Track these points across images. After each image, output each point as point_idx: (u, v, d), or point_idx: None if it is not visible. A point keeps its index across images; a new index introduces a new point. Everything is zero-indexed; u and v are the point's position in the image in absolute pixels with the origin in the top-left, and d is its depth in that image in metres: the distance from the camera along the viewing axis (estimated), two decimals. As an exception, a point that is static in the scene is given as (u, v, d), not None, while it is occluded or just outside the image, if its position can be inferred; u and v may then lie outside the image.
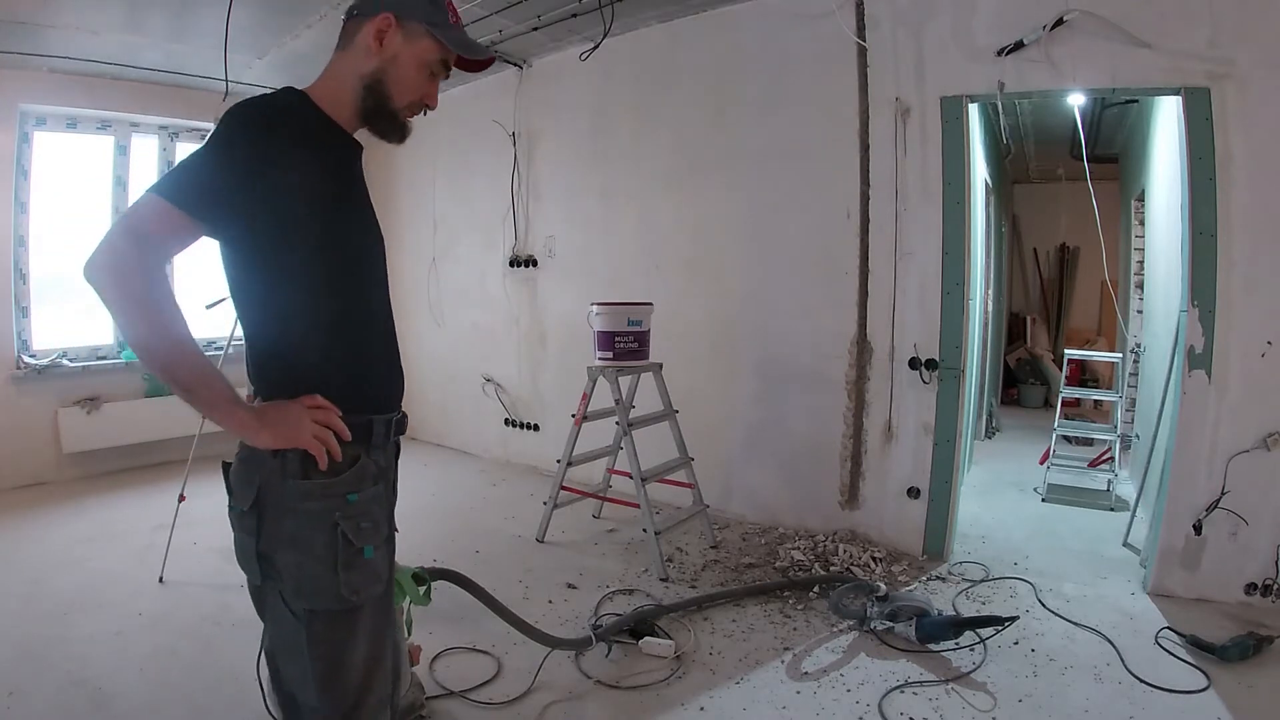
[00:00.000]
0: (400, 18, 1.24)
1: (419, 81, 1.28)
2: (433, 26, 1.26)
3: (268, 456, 1.14)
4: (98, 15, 3.48)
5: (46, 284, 4.50)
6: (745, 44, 3.55)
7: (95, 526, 3.57)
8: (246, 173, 1.09)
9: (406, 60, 1.26)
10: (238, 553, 1.21)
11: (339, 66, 1.28)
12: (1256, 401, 2.60)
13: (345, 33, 1.29)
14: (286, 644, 1.18)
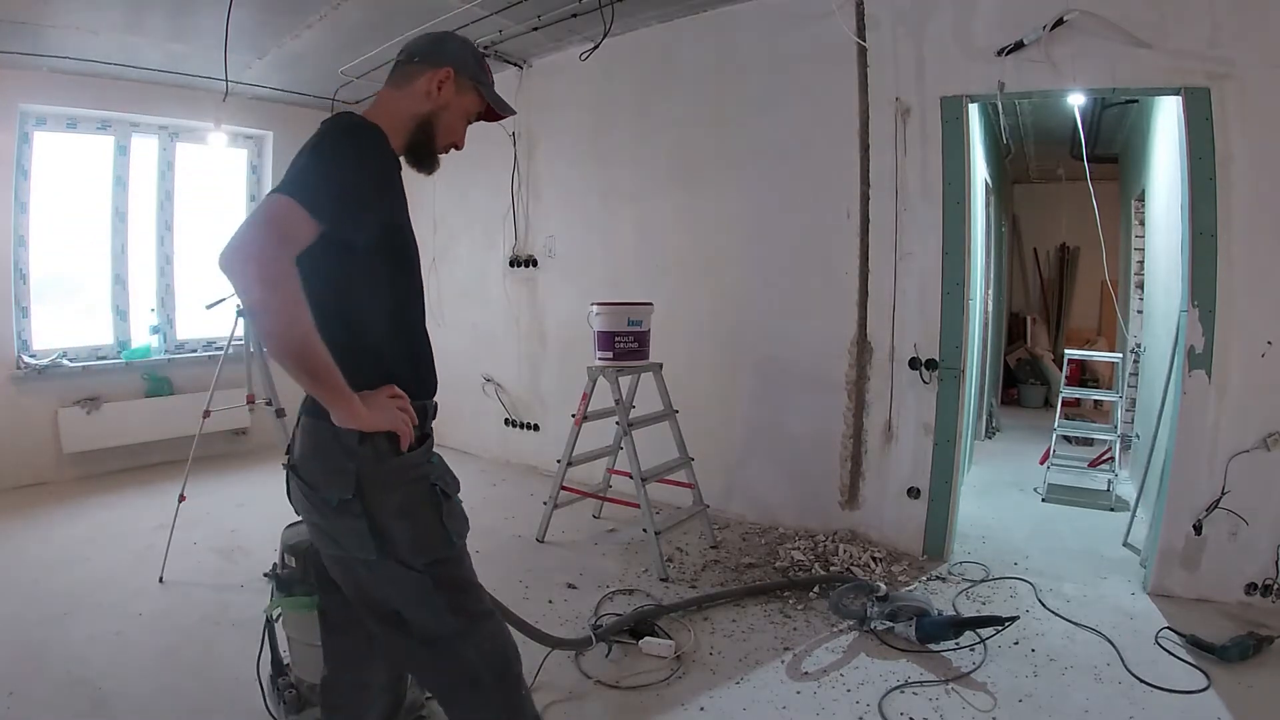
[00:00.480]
0: (457, 73, 1.45)
1: (459, 128, 1.51)
2: (479, 85, 1.50)
3: (356, 445, 1.28)
4: (98, 15, 3.48)
5: (46, 284, 4.50)
6: (745, 44, 3.55)
7: (95, 526, 3.57)
8: (374, 188, 1.29)
9: (455, 109, 1.47)
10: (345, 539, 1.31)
11: (396, 103, 1.43)
12: (1256, 401, 2.60)
13: (403, 74, 1.45)
14: (412, 597, 1.35)
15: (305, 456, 1.35)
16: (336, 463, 1.29)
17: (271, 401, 3.16)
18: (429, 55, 1.44)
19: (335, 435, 1.28)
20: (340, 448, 1.29)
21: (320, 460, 1.32)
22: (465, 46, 1.50)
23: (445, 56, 1.44)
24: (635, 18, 3.72)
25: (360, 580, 1.37)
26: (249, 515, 3.74)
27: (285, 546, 1.90)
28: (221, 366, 3.13)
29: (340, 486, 1.29)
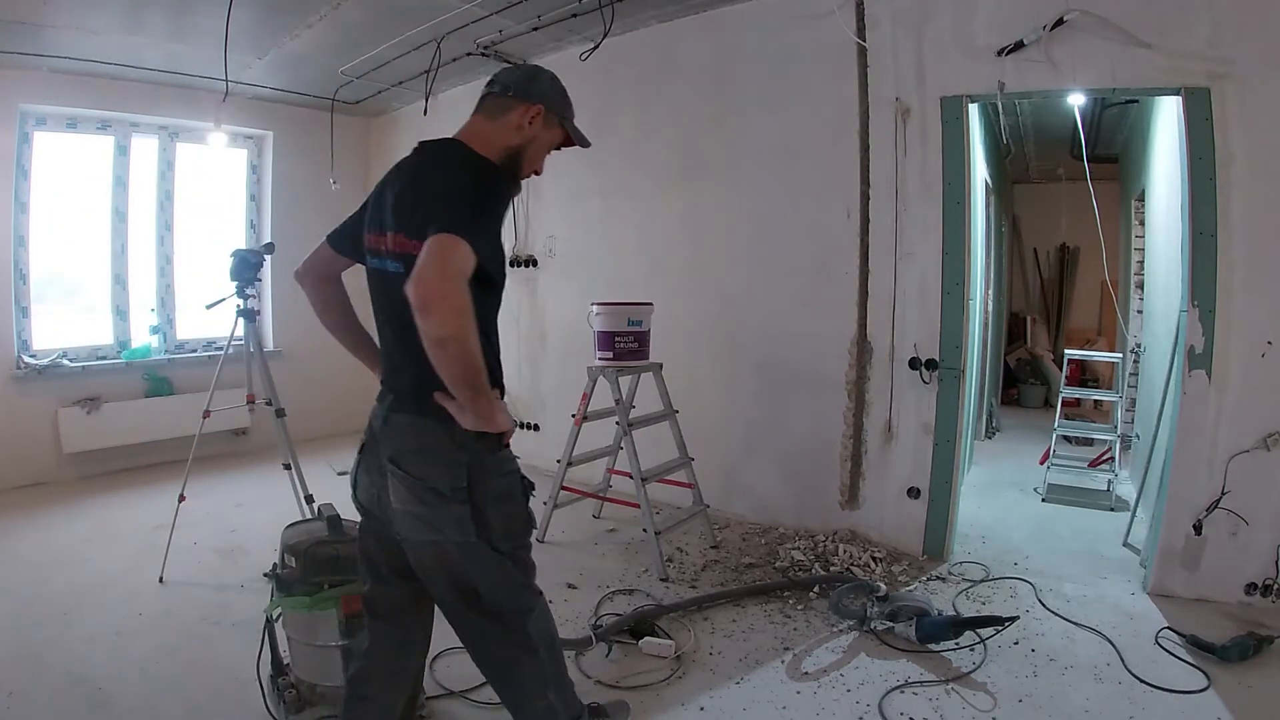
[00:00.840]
0: (547, 110, 1.59)
1: (542, 157, 1.65)
2: (564, 121, 1.66)
3: (471, 441, 1.46)
4: (98, 15, 3.48)
5: (46, 284, 4.50)
6: (745, 44, 3.55)
7: (95, 526, 3.57)
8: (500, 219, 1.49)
9: (542, 143, 1.62)
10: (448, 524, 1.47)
11: (489, 133, 1.56)
12: (1256, 401, 2.59)
13: (495, 105, 1.57)
14: (494, 576, 1.54)
15: (413, 451, 1.48)
16: (450, 456, 1.46)
17: (271, 401, 3.15)
18: (523, 90, 1.57)
19: (449, 433, 1.44)
20: (454, 444, 1.45)
21: (432, 455, 1.47)
22: (554, 83, 1.66)
23: (537, 93, 1.59)
24: (635, 18, 3.72)
25: (450, 562, 1.51)
26: (249, 515, 3.74)
27: (285, 546, 1.91)
28: (221, 366, 3.13)
29: (454, 477, 1.45)
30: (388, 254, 1.49)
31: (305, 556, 1.86)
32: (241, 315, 3.14)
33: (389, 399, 1.55)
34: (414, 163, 1.55)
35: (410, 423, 1.50)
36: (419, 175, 1.50)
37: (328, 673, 1.87)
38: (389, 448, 1.51)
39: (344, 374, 5.68)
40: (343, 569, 1.86)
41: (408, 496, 1.48)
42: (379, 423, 1.55)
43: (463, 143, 1.52)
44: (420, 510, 1.47)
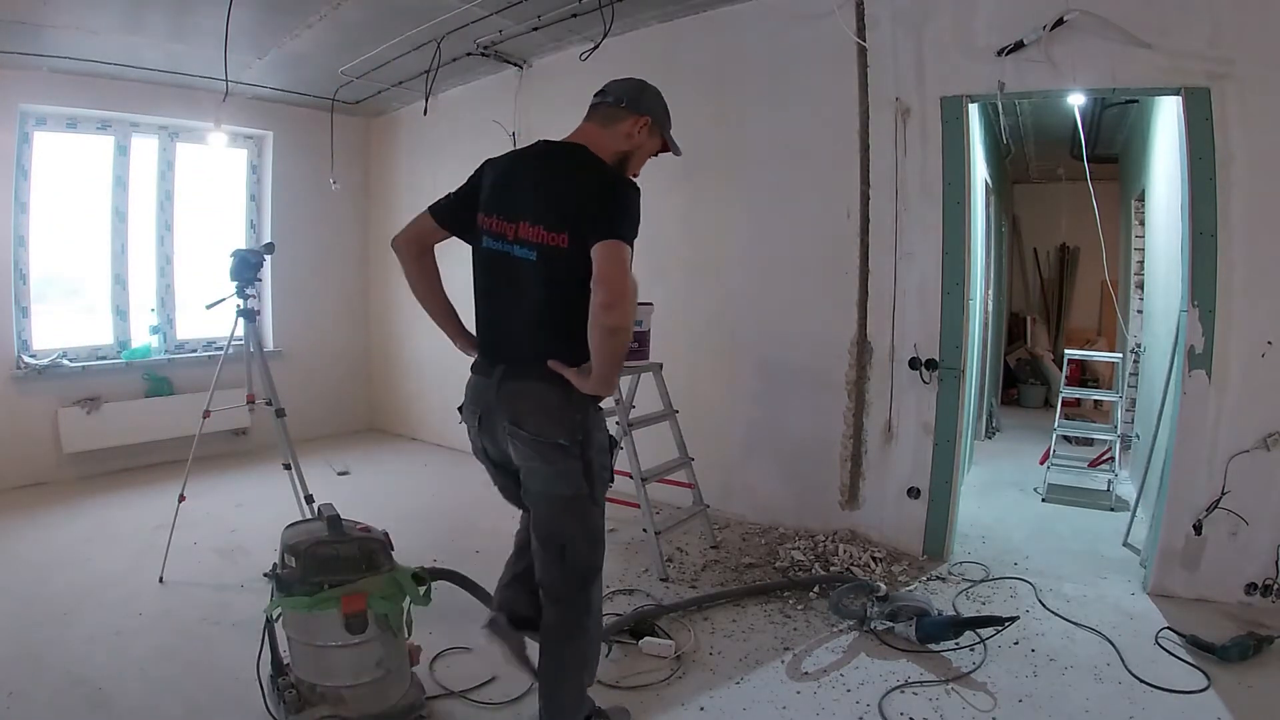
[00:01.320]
0: (653, 121, 1.80)
1: (643, 162, 1.86)
2: (664, 132, 1.85)
3: (582, 400, 1.67)
4: (98, 15, 3.48)
5: (46, 284, 4.50)
6: (745, 44, 3.55)
7: (95, 526, 3.57)
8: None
9: (646, 150, 1.84)
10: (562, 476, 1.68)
11: (604, 139, 1.77)
12: (1256, 401, 2.59)
13: (608, 114, 1.79)
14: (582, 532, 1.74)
15: (532, 412, 1.67)
16: (567, 414, 1.66)
17: (271, 401, 3.15)
18: (634, 103, 1.78)
19: (565, 395, 1.65)
20: (573, 405, 1.66)
21: (552, 413, 1.66)
22: (658, 98, 1.85)
23: (645, 106, 1.79)
24: (635, 18, 3.71)
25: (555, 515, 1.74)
26: (249, 515, 3.74)
27: (285, 546, 1.90)
28: (221, 366, 3.13)
29: (571, 431, 1.66)
30: (516, 240, 1.67)
31: (305, 556, 1.85)
32: (241, 315, 3.14)
33: (500, 369, 1.72)
34: (544, 161, 1.74)
35: (528, 388, 1.68)
36: (556, 175, 1.68)
37: (328, 673, 1.86)
38: (507, 413, 1.69)
39: (344, 374, 5.76)
40: (343, 569, 1.86)
41: (530, 454, 1.68)
42: (493, 392, 1.73)
43: (589, 148, 1.71)
44: (541, 465, 1.68)
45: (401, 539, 2.28)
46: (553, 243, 1.60)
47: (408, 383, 5.67)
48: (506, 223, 1.69)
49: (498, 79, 4.57)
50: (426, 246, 1.95)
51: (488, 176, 1.79)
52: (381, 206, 5.73)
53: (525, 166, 1.75)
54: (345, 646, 1.84)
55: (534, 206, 1.65)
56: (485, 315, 1.83)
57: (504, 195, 1.72)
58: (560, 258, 1.61)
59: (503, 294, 1.74)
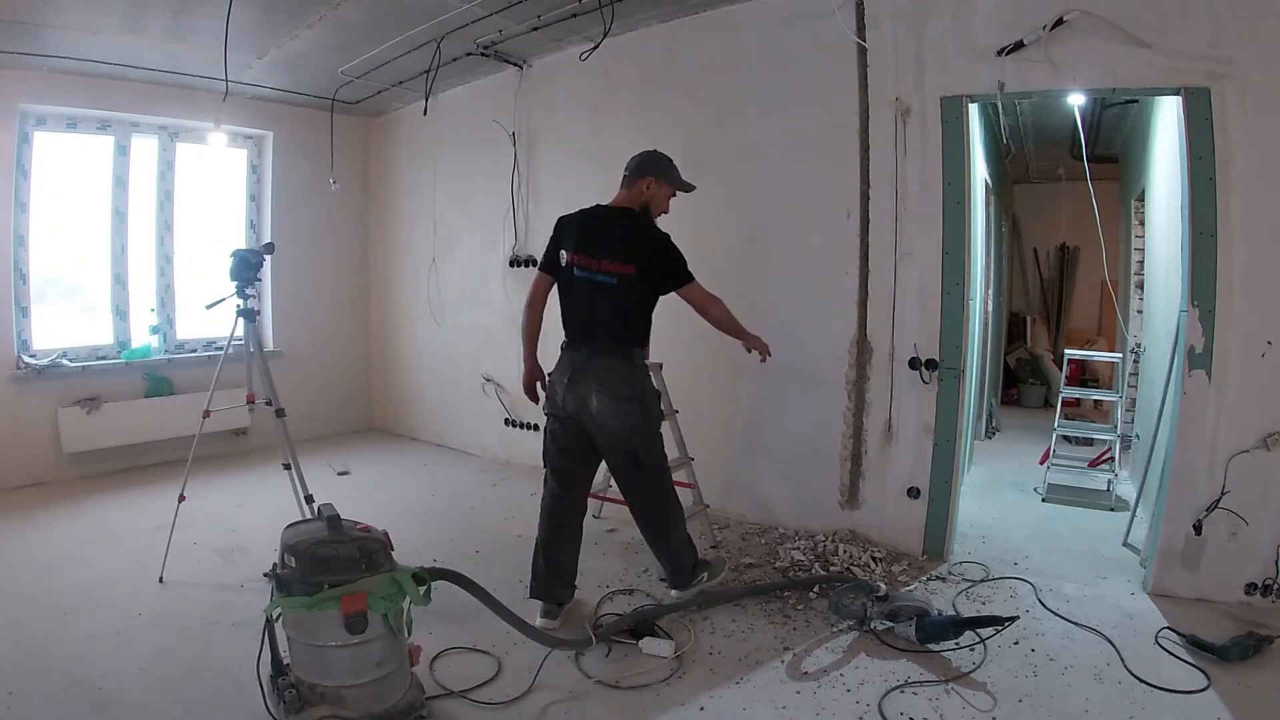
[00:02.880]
0: (656, 179, 2.63)
1: (664, 203, 2.69)
2: (670, 181, 2.68)
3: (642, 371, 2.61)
4: (98, 15, 3.48)
5: (46, 284, 4.50)
6: (745, 44, 3.55)
7: (95, 526, 3.57)
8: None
9: (660, 196, 2.66)
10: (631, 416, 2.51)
11: (631, 198, 2.64)
12: (1256, 401, 2.59)
13: (628, 183, 2.66)
14: (647, 445, 2.60)
15: (609, 375, 2.49)
16: (630, 377, 2.53)
17: (271, 401, 3.15)
18: (638, 171, 2.63)
19: (630, 366, 2.54)
20: (634, 372, 2.55)
21: (621, 377, 2.51)
22: (656, 157, 2.67)
23: (648, 169, 2.63)
24: (635, 17, 3.71)
25: (624, 439, 2.53)
26: (249, 515, 3.74)
27: (285, 546, 1.90)
28: (221, 366, 3.13)
29: (631, 388, 2.52)
30: (599, 270, 2.51)
31: (305, 556, 1.85)
32: (241, 315, 3.14)
33: (586, 349, 2.52)
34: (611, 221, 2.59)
35: (607, 361, 2.51)
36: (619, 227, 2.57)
37: (328, 673, 1.86)
38: (593, 379, 2.49)
39: (344, 374, 5.76)
40: (343, 569, 1.86)
41: (607, 402, 2.47)
42: (583, 361, 2.52)
43: (632, 211, 2.61)
44: (616, 410, 2.48)
45: (401, 539, 2.29)
46: (624, 272, 2.49)
47: (408, 383, 5.67)
48: (593, 259, 2.52)
49: (498, 79, 4.57)
50: (544, 294, 2.72)
51: (569, 229, 2.60)
52: (381, 206, 5.73)
53: (598, 224, 2.58)
54: (345, 646, 1.84)
55: (608, 250, 2.51)
56: (578, 316, 2.59)
57: (589, 242, 2.54)
58: (628, 282, 2.50)
59: (591, 303, 2.53)
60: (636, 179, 2.62)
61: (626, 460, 2.57)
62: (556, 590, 2.64)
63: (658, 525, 2.67)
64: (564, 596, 2.66)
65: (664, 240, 2.56)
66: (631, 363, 2.53)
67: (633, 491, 2.65)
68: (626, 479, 2.62)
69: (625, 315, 2.54)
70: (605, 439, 2.53)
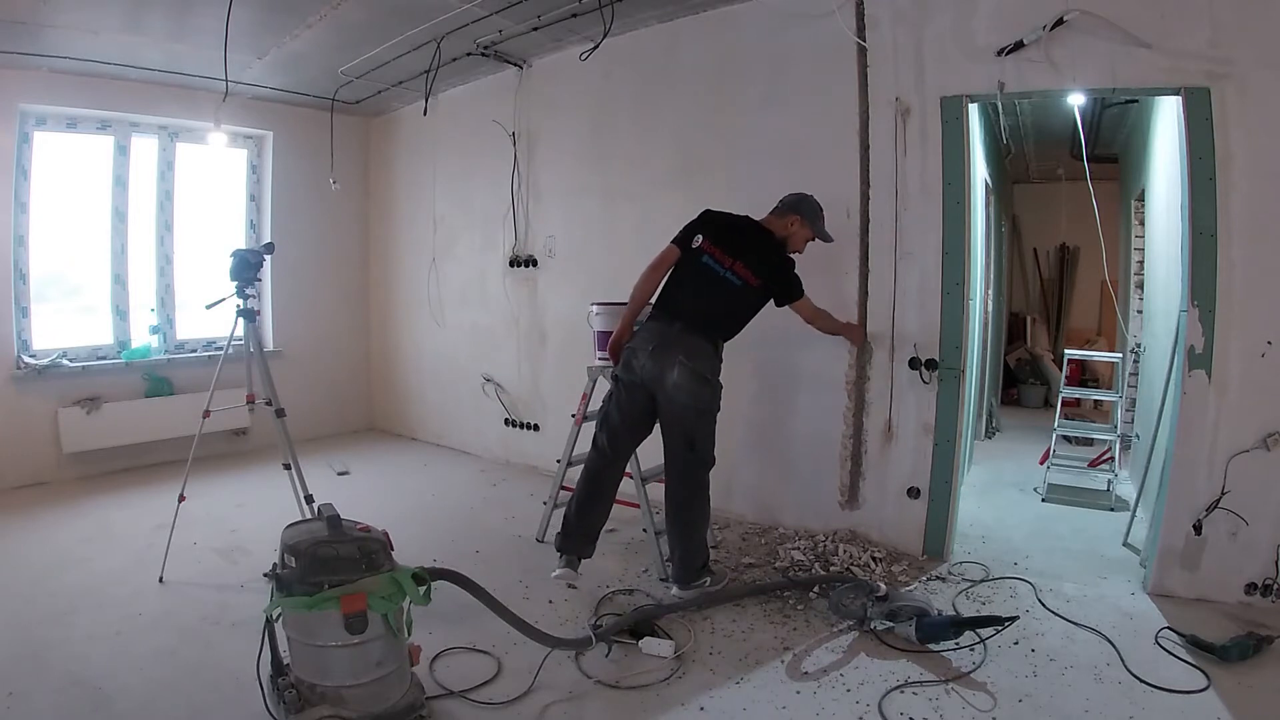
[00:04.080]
0: (802, 219, 2.83)
1: (801, 243, 2.88)
2: (813, 226, 2.86)
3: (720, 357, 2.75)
4: (98, 15, 3.48)
5: (46, 284, 4.50)
6: (745, 44, 3.55)
7: (95, 526, 3.57)
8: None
9: (800, 236, 2.86)
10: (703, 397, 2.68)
11: (776, 226, 2.84)
12: (1256, 401, 2.59)
13: (778, 213, 2.87)
14: (706, 433, 2.74)
15: (700, 355, 2.65)
16: (714, 359, 2.71)
17: (271, 401, 3.15)
18: (792, 208, 2.83)
19: (715, 348, 2.72)
20: (716, 355, 2.73)
21: (707, 357, 2.67)
22: (809, 202, 2.85)
23: (799, 210, 2.83)
24: (635, 18, 3.71)
25: (691, 419, 2.68)
26: (249, 515, 3.74)
27: (285, 546, 1.90)
28: (221, 366, 3.13)
29: (714, 370, 2.70)
30: (730, 269, 2.69)
31: (305, 556, 1.85)
32: (241, 315, 3.14)
33: (678, 325, 2.66)
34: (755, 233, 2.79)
35: (697, 340, 2.66)
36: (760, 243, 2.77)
37: (328, 673, 1.86)
38: (680, 350, 2.62)
39: (344, 374, 5.76)
40: (343, 569, 1.86)
41: (689, 377, 2.61)
42: (675, 334, 2.64)
43: (773, 232, 2.82)
44: (692, 386, 2.62)
45: (401, 539, 2.29)
46: (750, 281, 2.70)
47: (408, 383, 5.67)
48: (727, 256, 2.70)
49: (498, 79, 4.58)
50: (669, 266, 2.79)
51: (712, 222, 2.79)
52: (381, 206, 5.73)
53: (741, 232, 2.77)
54: (345, 646, 1.84)
55: (747, 257, 2.70)
56: (687, 295, 2.71)
57: (729, 241, 2.73)
58: (750, 290, 2.73)
59: (708, 291, 2.70)
60: (786, 213, 2.82)
61: (683, 441, 2.69)
62: (582, 546, 2.83)
63: (688, 515, 2.76)
64: (586, 552, 2.85)
65: (791, 264, 2.82)
66: (716, 349, 2.72)
67: (676, 475, 2.74)
68: (676, 460, 2.73)
69: (733, 314, 2.76)
70: (672, 413, 2.67)
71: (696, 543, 2.78)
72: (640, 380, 2.68)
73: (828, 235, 2.88)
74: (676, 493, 2.76)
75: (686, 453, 2.70)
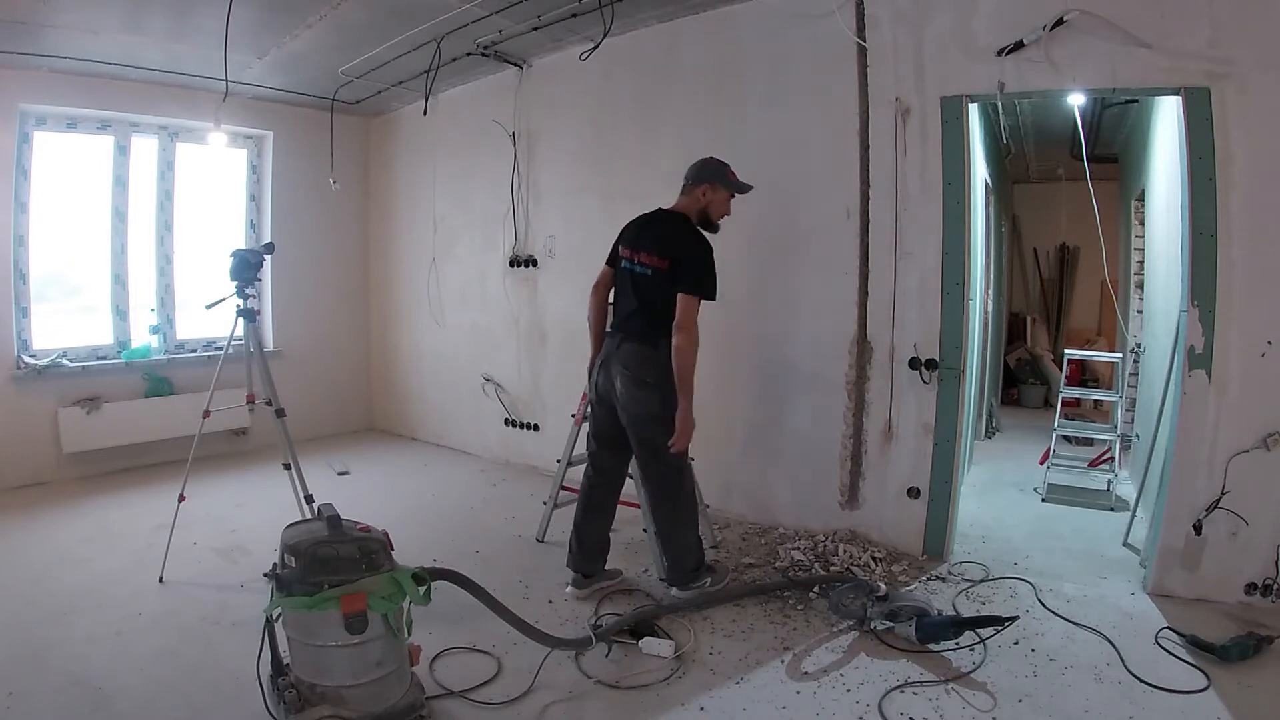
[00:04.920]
0: (711, 184, 2.74)
1: (722, 207, 2.79)
2: (726, 185, 2.76)
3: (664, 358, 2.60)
4: (98, 15, 3.48)
5: (46, 284, 4.50)
6: (745, 44, 3.55)
7: (95, 526, 3.57)
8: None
9: (718, 200, 2.76)
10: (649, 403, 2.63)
11: (688, 205, 2.75)
12: (1256, 401, 2.59)
13: (686, 189, 2.77)
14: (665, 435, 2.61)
15: (638, 361, 2.62)
16: (655, 364, 2.61)
17: (271, 401, 3.15)
18: (694, 180, 2.75)
19: (655, 353, 2.61)
20: (657, 357, 2.61)
21: (647, 363, 2.61)
22: (710, 164, 2.76)
23: (704, 176, 2.74)
24: (635, 18, 3.71)
25: (646, 426, 2.64)
26: (249, 515, 3.74)
27: (285, 546, 1.90)
28: (221, 366, 3.13)
29: (655, 373, 2.60)
30: (638, 262, 2.67)
31: (305, 556, 1.85)
32: (241, 315, 3.14)
33: (620, 335, 2.68)
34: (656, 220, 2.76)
35: (634, 348, 2.63)
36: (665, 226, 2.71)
37: (328, 673, 1.86)
38: (619, 361, 2.64)
39: (344, 374, 5.76)
40: (343, 569, 1.86)
41: (631, 385, 2.61)
42: (614, 347, 2.68)
43: (683, 214, 2.72)
44: (636, 393, 2.61)
45: (401, 539, 2.29)
46: (659, 265, 2.62)
47: (408, 383, 5.67)
48: (634, 251, 2.70)
49: (498, 79, 4.58)
50: (607, 284, 2.86)
51: (628, 227, 2.81)
52: (381, 206, 5.73)
53: (649, 223, 2.76)
54: (345, 646, 1.84)
55: (650, 244, 2.67)
56: (619, 304, 2.75)
57: (635, 234, 2.75)
58: (661, 275, 2.61)
59: (630, 291, 2.69)
60: (694, 188, 2.74)
61: (646, 449, 2.67)
62: (584, 563, 2.85)
63: (667, 519, 2.74)
64: (591, 569, 2.86)
65: (697, 245, 2.63)
66: (656, 350, 2.61)
67: (649, 480, 2.74)
68: (645, 468, 2.73)
69: (655, 305, 2.63)
70: (626, 422, 2.67)
71: (684, 545, 2.76)
72: (600, 396, 2.74)
73: (744, 185, 2.78)
74: (650, 500, 2.77)
75: (652, 460, 2.67)
